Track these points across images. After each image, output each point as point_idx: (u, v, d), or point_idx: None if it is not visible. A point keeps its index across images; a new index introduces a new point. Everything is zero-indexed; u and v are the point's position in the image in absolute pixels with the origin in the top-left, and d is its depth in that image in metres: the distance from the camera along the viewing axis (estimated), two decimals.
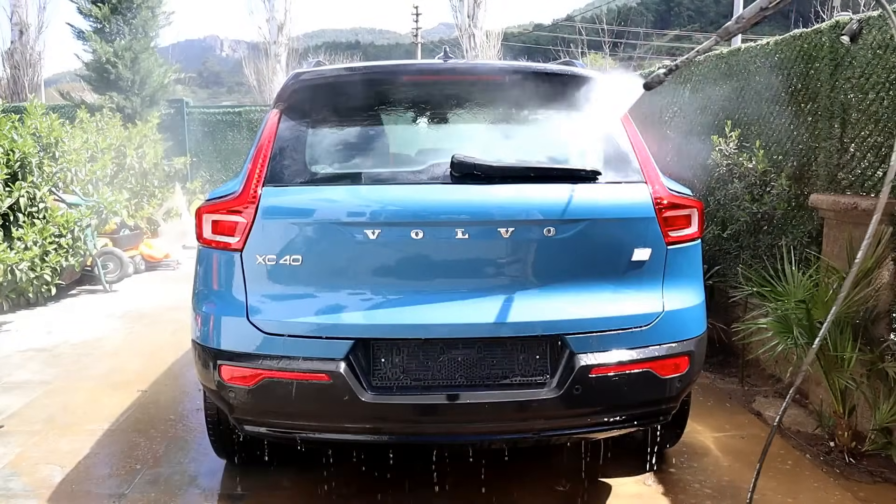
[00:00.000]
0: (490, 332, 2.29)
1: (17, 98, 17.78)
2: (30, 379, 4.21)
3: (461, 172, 2.34)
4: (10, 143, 5.79)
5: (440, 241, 2.31)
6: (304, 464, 2.92)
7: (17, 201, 5.76)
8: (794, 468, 2.96)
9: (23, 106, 7.22)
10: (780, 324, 3.16)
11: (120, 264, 7.35)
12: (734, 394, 3.86)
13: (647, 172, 2.47)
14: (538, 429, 2.41)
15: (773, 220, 3.91)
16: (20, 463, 3.05)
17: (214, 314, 2.39)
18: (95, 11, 12.11)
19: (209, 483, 2.88)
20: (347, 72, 2.68)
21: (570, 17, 35.31)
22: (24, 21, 19.20)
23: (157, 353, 4.68)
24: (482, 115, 2.79)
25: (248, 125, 12.49)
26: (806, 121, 3.82)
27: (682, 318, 2.43)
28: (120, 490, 2.79)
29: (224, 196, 2.43)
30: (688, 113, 5.30)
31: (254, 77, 22.96)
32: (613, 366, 2.28)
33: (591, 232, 2.34)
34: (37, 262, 5.75)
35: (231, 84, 63.91)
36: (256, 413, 2.36)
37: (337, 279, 2.33)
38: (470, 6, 21.73)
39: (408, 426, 2.38)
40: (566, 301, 2.33)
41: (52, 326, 5.52)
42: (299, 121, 2.55)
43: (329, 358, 2.24)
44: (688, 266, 2.51)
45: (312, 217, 2.33)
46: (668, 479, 2.86)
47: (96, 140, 7.79)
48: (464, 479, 2.83)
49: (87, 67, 12.54)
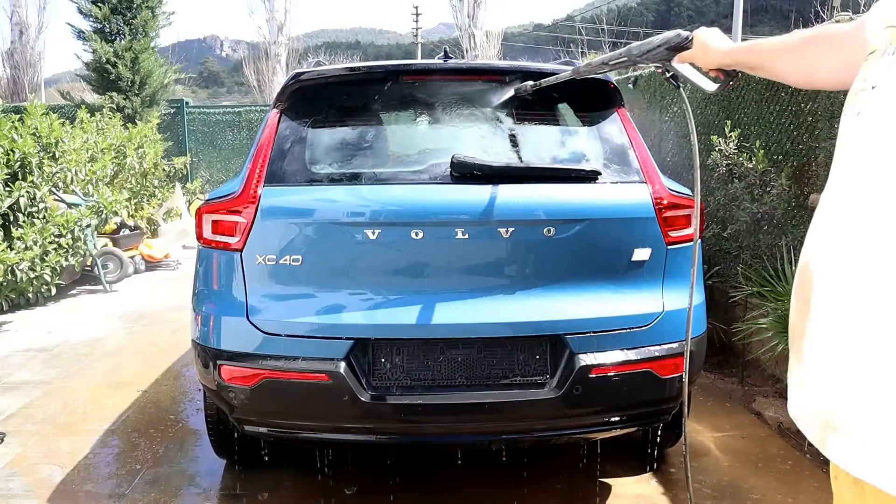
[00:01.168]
0: (490, 332, 2.29)
1: (17, 98, 17.78)
2: (30, 379, 4.21)
3: (461, 172, 2.34)
4: (10, 143, 5.79)
5: (440, 241, 2.31)
6: (304, 464, 2.92)
7: (17, 201, 5.76)
8: (794, 468, 2.96)
9: (23, 106, 7.22)
10: (780, 324, 3.16)
11: (120, 264, 7.35)
12: (734, 394, 3.86)
13: (647, 172, 2.47)
14: (538, 429, 2.41)
15: (773, 220, 3.91)
16: (20, 463, 3.05)
17: (214, 314, 2.39)
18: (95, 11, 12.10)
19: (209, 483, 2.88)
20: (347, 72, 2.69)
21: (570, 17, 35.38)
22: (24, 21, 19.21)
23: (157, 353, 4.68)
24: (482, 114, 2.79)
25: (248, 125, 12.48)
26: (806, 121, 3.82)
27: (682, 318, 2.43)
28: (120, 490, 2.79)
29: (224, 196, 2.43)
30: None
31: (254, 77, 22.95)
32: (613, 366, 2.29)
33: (591, 232, 2.34)
34: (37, 262, 5.75)
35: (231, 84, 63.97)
36: (256, 413, 2.36)
37: (337, 279, 2.33)
38: (470, 6, 21.72)
39: (408, 426, 2.38)
40: (566, 301, 2.33)
41: (52, 326, 5.52)
42: (299, 121, 2.55)
43: (329, 358, 2.25)
44: (688, 266, 2.51)
45: (312, 217, 2.33)
46: (668, 479, 2.86)
47: (96, 140, 7.79)
48: (464, 480, 2.83)
49: (87, 67, 12.53)
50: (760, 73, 1.47)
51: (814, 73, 1.31)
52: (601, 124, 2.62)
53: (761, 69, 1.45)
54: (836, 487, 1.10)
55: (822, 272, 1.02)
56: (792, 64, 1.35)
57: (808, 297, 1.05)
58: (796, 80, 1.41)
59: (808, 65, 1.31)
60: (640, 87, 6.55)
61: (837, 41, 1.24)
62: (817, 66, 1.29)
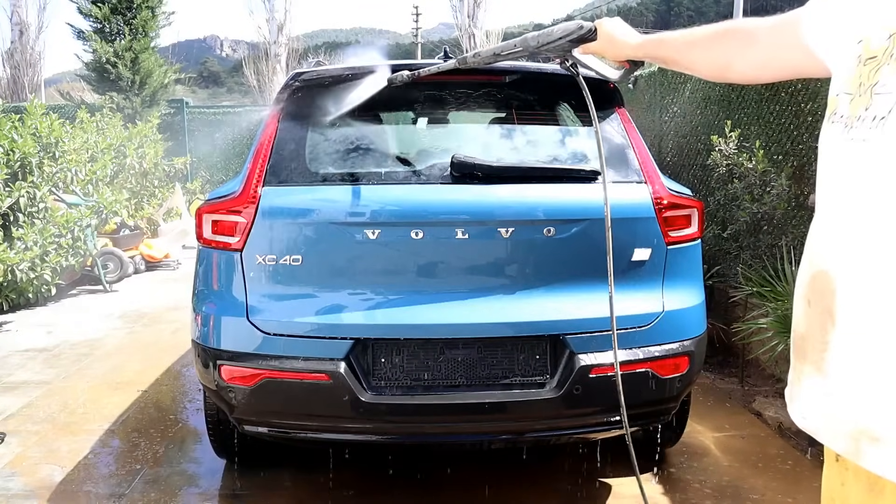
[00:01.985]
0: (490, 332, 2.29)
1: (17, 98, 17.77)
2: (30, 379, 4.21)
3: (461, 172, 2.35)
4: (11, 143, 5.79)
5: (440, 241, 2.31)
6: (304, 464, 2.92)
7: (17, 201, 5.76)
8: (794, 468, 2.96)
9: (23, 106, 7.22)
10: (780, 324, 3.16)
11: (120, 264, 7.35)
12: (734, 394, 3.86)
13: (646, 172, 2.47)
14: (538, 429, 2.41)
15: (773, 220, 3.91)
16: (20, 463, 3.05)
17: (214, 314, 2.39)
18: (95, 11, 12.09)
19: (209, 483, 2.88)
20: (347, 71, 2.68)
21: (570, 17, 35.38)
22: (24, 21, 19.21)
23: (157, 353, 4.68)
24: (482, 114, 2.80)
25: (248, 125, 12.47)
26: (806, 121, 3.82)
27: (682, 318, 2.44)
28: (120, 490, 2.79)
29: (224, 196, 2.43)
30: (688, 112, 5.30)
31: (254, 77, 22.94)
32: (613, 366, 2.28)
33: (591, 232, 2.34)
34: (37, 262, 5.75)
35: (231, 84, 63.97)
36: (257, 413, 2.36)
37: (337, 279, 2.33)
38: (470, 6, 21.70)
39: (408, 426, 2.38)
40: (566, 301, 2.33)
41: (52, 326, 5.52)
42: (299, 121, 2.55)
43: (329, 358, 2.25)
44: (688, 266, 2.51)
45: (312, 217, 2.33)
46: (668, 478, 2.86)
47: (96, 140, 7.78)
48: (464, 480, 2.83)
49: (87, 67, 12.53)
50: (672, 66, 1.44)
51: (727, 68, 1.30)
52: (601, 124, 2.62)
53: (673, 63, 1.42)
54: (841, 494, 1.08)
55: (851, 281, 0.98)
56: (704, 58, 1.33)
57: (829, 306, 1.01)
58: (709, 75, 1.39)
59: (721, 59, 1.29)
60: (640, 87, 6.55)
61: (754, 36, 1.22)
62: (731, 61, 1.27)
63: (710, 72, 1.36)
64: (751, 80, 1.32)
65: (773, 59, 1.19)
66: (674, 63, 1.42)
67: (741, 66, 1.27)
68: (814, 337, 1.06)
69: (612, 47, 1.56)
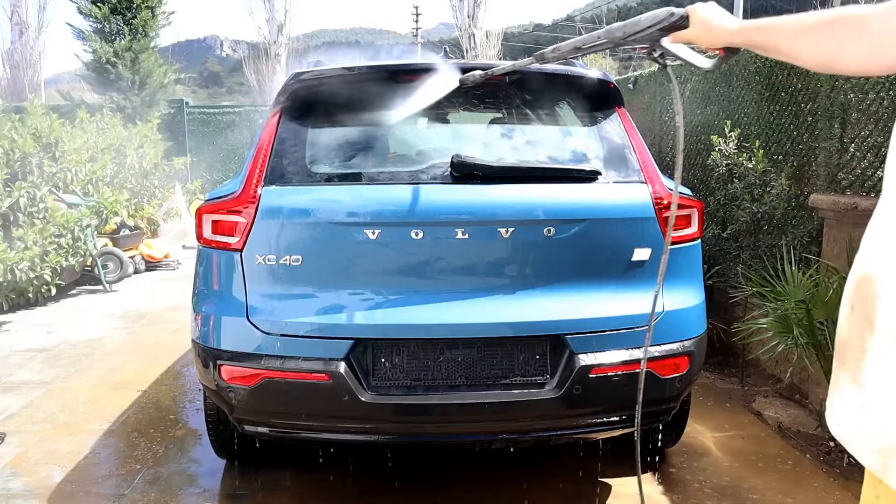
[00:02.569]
0: (490, 332, 2.29)
1: (17, 98, 17.77)
2: (30, 379, 4.21)
3: (461, 172, 2.34)
4: (11, 143, 5.79)
5: (440, 241, 2.31)
6: (304, 464, 2.92)
7: (17, 201, 5.76)
8: (794, 468, 2.96)
9: (23, 106, 7.22)
10: (780, 324, 3.16)
11: (120, 264, 7.35)
12: (734, 394, 3.86)
13: (646, 172, 2.47)
14: (538, 429, 2.41)
15: (773, 220, 3.91)
16: (20, 463, 3.05)
17: (214, 314, 2.39)
18: (95, 11, 12.09)
19: (209, 483, 2.87)
20: (347, 71, 2.68)
21: (570, 17, 35.36)
22: (24, 21, 19.23)
23: (157, 353, 4.68)
24: (482, 114, 2.79)
25: (248, 125, 12.47)
26: (806, 121, 3.82)
27: (682, 318, 2.43)
28: (120, 490, 2.79)
29: (224, 196, 2.43)
30: (688, 112, 5.30)
31: (254, 77, 22.92)
32: (613, 366, 2.28)
33: (591, 232, 2.34)
34: (37, 261, 5.75)
35: (231, 84, 63.93)
36: (257, 413, 2.36)
37: (337, 279, 2.33)
38: (470, 6, 21.69)
39: (408, 426, 2.38)
40: (566, 301, 2.33)
41: (52, 326, 5.52)
42: (299, 121, 2.55)
43: (329, 358, 2.24)
44: (688, 266, 2.51)
45: (312, 217, 2.33)
46: (668, 479, 2.86)
47: (96, 140, 7.78)
48: (464, 480, 2.83)
49: (87, 67, 12.53)
50: (773, 54, 1.32)
51: (836, 59, 1.19)
52: (601, 124, 2.62)
53: (775, 51, 1.29)
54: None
55: (893, 287, 0.94)
56: (811, 48, 1.21)
57: (870, 314, 0.97)
58: (815, 65, 1.26)
59: (829, 49, 1.18)
60: (639, 87, 6.55)
61: (864, 25, 1.12)
62: (840, 51, 1.16)
63: (816, 62, 1.24)
64: (860, 72, 1.23)
65: (885, 48, 1.09)
66: (775, 51, 1.30)
67: (850, 57, 1.16)
68: (853, 344, 1.02)
69: (709, 34, 1.44)
